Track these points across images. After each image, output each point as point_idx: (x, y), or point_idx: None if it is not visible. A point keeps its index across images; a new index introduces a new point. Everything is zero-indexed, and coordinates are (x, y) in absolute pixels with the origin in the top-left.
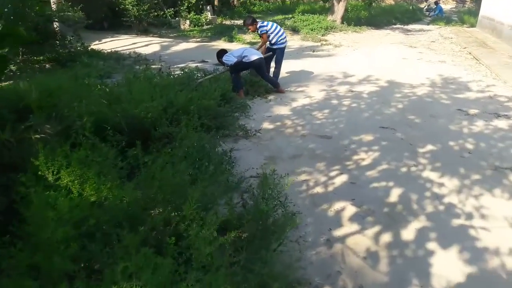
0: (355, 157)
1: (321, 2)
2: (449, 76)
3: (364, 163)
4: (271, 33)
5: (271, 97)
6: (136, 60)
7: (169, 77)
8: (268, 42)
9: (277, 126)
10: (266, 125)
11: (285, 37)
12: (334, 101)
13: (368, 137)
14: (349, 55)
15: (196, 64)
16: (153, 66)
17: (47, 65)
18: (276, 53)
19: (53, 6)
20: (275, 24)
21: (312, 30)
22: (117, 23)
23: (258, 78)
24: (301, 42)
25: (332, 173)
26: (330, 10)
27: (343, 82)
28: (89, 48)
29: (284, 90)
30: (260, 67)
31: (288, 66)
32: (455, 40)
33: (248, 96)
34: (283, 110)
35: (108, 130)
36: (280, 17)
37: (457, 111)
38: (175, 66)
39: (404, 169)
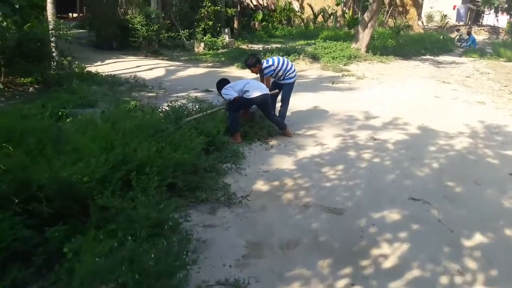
0: (374, 252)
1: (346, 28)
2: (492, 123)
3: (387, 264)
4: (279, 70)
5: (273, 142)
6: (133, 86)
7: (147, 115)
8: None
9: (274, 187)
10: (260, 185)
11: (294, 70)
12: (351, 153)
13: (393, 215)
14: (373, 89)
15: (197, 94)
16: (149, 94)
17: (30, 89)
18: (283, 89)
19: (50, 21)
20: (281, 59)
21: (333, 58)
22: (126, 43)
23: (261, 117)
24: (320, 71)
25: (340, 284)
26: (354, 38)
27: (364, 126)
28: (85, 70)
29: (291, 133)
30: (264, 105)
31: (301, 101)
32: (493, 76)
33: (245, 141)
34: (286, 163)
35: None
36: (302, 42)
37: (509, 176)
38: (174, 95)
39: (444, 280)
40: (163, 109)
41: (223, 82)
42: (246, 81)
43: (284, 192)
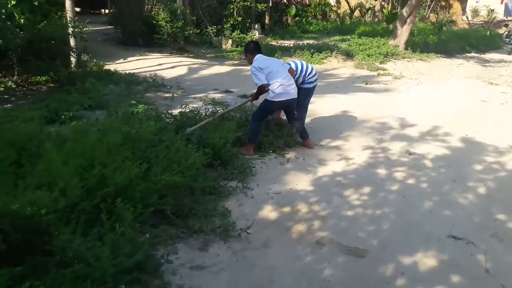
0: None
1: (384, 23)
2: None
3: None
4: (298, 76)
5: (291, 154)
6: (150, 86)
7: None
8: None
9: (283, 215)
10: (267, 211)
11: (315, 74)
12: (381, 171)
13: (428, 260)
14: (410, 91)
15: (216, 95)
16: (166, 95)
17: (44, 88)
18: (300, 93)
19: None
20: (302, 63)
21: (369, 56)
22: (152, 40)
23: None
24: (353, 70)
25: None
26: (392, 34)
27: (398, 136)
28: (104, 69)
29: (313, 143)
30: (290, 108)
31: (329, 104)
32: None
33: (258, 152)
34: (302, 182)
35: None
36: (337, 38)
37: None
38: (191, 96)
39: None
40: (172, 114)
41: (252, 46)
42: (281, 73)
43: (295, 223)
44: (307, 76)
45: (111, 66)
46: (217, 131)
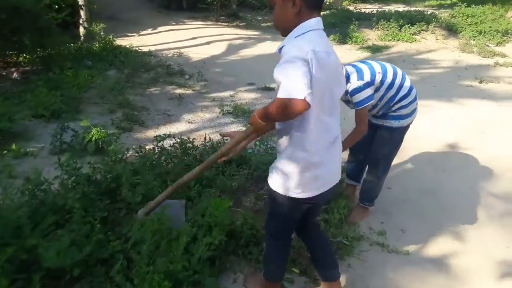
0: None
1: None
2: None
3: None
4: (383, 95)
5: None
6: (162, 74)
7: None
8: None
9: None
10: None
11: (412, 94)
12: None
13: None
14: None
15: (250, 94)
16: (177, 91)
17: (15, 74)
18: (378, 136)
19: None
20: (378, 67)
21: (480, 33)
22: (198, 3)
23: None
24: (458, 54)
25: None
26: None
27: None
28: (114, 44)
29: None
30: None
31: (421, 124)
32: None
33: None
34: None
35: None
36: (433, 2)
37: None
38: (211, 95)
39: None
40: (140, 152)
41: None
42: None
43: None
44: (398, 100)
45: (131, 40)
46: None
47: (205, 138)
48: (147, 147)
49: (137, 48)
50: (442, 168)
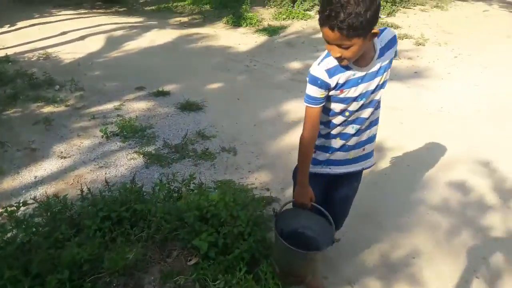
0: None
1: None
2: None
3: None
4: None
5: None
6: (23, 87)
7: None
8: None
9: None
10: None
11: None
12: None
13: None
14: (454, 75)
15: (141, 104)
16: (42, 110)
17: None
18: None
19: None
20: None
21: None
22: None
23: None
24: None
25: None
26: None
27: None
28: None
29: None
30: None
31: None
32: None
33: None
34: None
35: None
36: None
37: None
38: (90, 110)
39: None
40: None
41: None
42: None
43: None
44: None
45: None
46: None
47: (82, 190)
48: None
49: None
50: (372, 181)
